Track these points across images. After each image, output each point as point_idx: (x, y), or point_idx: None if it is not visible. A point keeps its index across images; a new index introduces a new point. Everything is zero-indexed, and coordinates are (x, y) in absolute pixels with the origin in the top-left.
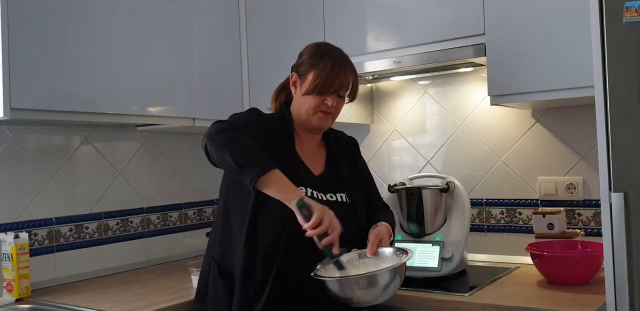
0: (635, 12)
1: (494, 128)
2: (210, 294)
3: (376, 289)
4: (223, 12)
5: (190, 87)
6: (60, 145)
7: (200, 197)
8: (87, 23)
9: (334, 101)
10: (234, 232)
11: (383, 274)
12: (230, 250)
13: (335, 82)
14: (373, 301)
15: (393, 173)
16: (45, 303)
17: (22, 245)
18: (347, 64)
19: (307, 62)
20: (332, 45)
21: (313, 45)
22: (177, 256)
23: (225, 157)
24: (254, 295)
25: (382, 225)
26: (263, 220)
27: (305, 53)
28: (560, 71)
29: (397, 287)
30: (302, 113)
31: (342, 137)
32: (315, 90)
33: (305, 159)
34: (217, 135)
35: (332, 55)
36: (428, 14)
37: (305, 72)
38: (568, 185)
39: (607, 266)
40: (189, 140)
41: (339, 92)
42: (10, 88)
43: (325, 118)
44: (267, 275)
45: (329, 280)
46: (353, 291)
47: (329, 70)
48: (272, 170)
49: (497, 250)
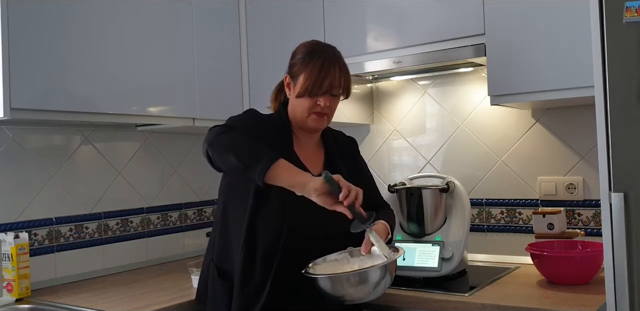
0: (635, 12)
1: (494, 128)
2: (210, 294)
3: (367, 286)
4: (223, 12)
5: (190, 87)
6: (60, 145)
7: (200, 197)
8: (87, 23)
9: (327, 101)
10: (232, 233)
11: (373, 271)
12: (229, 250)
13: (324, 83)
14: (364, 298)
15: (393, 173)
16: (45, 303)
17: (22, 245)
18: (336, 62)
19: (298, 64)
20: (323, 43)
21: (304, 44)
22: (177, 256)
23: (228, 159)
24: (253, 295)
25: (379, 223)
26: (262, 221)
27: (298, 53)
28: (560, 71)
29: (388, 284)
30: (297, 115)
31: (340, 137)
32: (305, 93)
33: (303, 159)
34: (216, 139)
35: (321, 55)
36: (428, 14)
37: (297, 74)
38: (568, 185)
39: (607, 266)
40: (189, 140)
41: (331, 92)
42: (10, 88)
43: (320, 119)
44: (267, 276)
45: (320, 278)
46: (344, 289)
47: (318, 72)
48: (277, 161)
49: (497, 250)
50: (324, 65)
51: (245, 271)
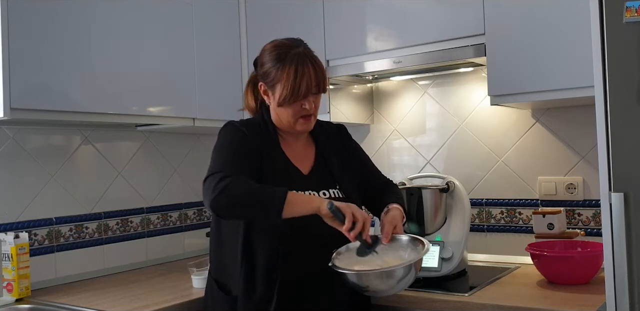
0: (635, 12)
1: (494, 128)
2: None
3: (392, 280)
4: (223, 12)
5: (190, 87)
6: (60, 145)
7: (200, 197)
8: (87, 23)
9: (311, 102)
10: (227, 247)
11: (400, 268)
12: (224, 264)
13: (302, 88)
14: (388, 291)
15: (393, 173)
16: (45, 303)
17: (22, 245)
18: (308, 62)
19: (270, 72)
20: (288, 42)
21: (270, 48)
22: (177, 256)
23: (239, 216)
24: (259, 308)
25: (393, 208)
26: (258, 233)
27: (266, 60)
28: (560, 71)
29: (412, 279)
30: (284, 122)
31: (328, 127)
32: (286, 101)
33: (294, 160)
34: (216, 199)
35: (292, 59)
36: (428, 14)
37: (272, 83)
38: (568, 185)
39: (607, 266)
40: (189, 140)
41: (311, 92)
42: (10, 88)
43: (307, 121)
44: (271, 288)
45: (348, 273)
46: (370, 281)
47: (293, 78)
48: (285, 199)
49: (497, 250)
50: (297, 70)
51: (247, 285)
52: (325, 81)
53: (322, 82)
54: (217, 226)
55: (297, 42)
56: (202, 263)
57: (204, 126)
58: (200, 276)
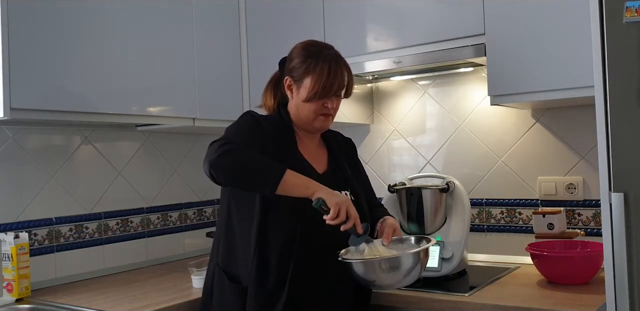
0: (635, 12)
1: (494, 128)
2: (218, 298)
3: (398, 273)
4: (223, 12)
5: (190, 87)
6: (60, 145)
7: (200, 197)
8: (87, 23)
9: (334, 103)
10: (238, 237)
11: (406, 257)
12: (235, 255)
13: (334, 86)
14: (394, 285)
15: (393, 173)
16: (45, 303)
17: (22, 245)
18: (341, 63)
19: (300, 67)
20: (322, 43)
21: (302, 46)
22: (177, 256)
23: (234, 180)
24: (269, 299)
25: (389, 218)
26: (273, 224)
27: (296, 56)
28: (560, 71)
29: (417, 274)
30: (303, 117)
31: (338, 135)
32: (315, 97)
33: (308, 159)
34: (217, 160)
35: (326, 57)
36: (428, 14)
37: (301, 77)
38: (568, 185)
39: (607, 266)
40: (189, 140)
41: (338, 93)
42: (10, 88)
43: (326, 119)
44: (283, 279)
45: (354, 262)
46: (376, 274)
47: (327, 75)
48: (283, 174)
49: (497, 250)
50: (331, 68)
51: (259, 276)
52: (352, 88)
53: (350, 87)
54: (227, 217)
55: (330, 46)
56: (202, 263)
57: (204, 126)
58: (201, 276)
